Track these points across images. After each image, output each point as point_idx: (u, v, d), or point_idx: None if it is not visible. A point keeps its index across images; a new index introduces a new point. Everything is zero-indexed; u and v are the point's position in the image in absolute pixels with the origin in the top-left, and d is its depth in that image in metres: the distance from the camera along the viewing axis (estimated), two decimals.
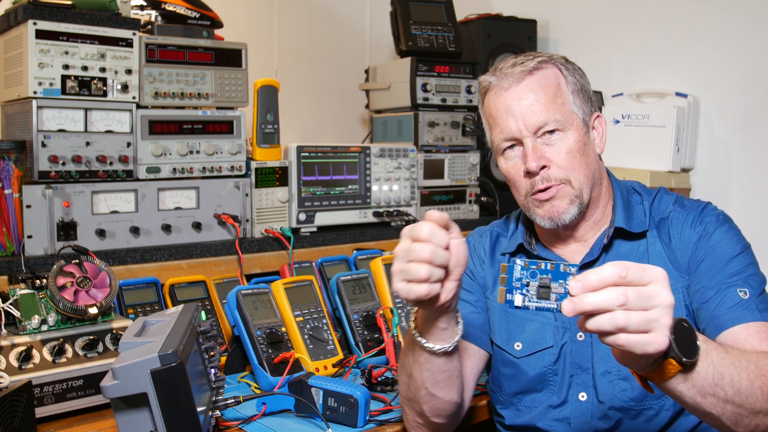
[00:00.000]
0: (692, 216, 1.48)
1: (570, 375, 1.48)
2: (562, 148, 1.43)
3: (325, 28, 3.26)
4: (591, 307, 0.94)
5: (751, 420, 1.09)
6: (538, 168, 1.43)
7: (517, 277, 1.03)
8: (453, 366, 1.34)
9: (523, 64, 1.46)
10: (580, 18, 2.96)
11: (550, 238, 1.56)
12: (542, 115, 1.43)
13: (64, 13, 1.89)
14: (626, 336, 0.94)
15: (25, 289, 1.62)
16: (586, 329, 0.97)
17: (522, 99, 1.44)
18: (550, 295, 1.02)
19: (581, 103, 1.48)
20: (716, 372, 1.04)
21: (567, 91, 1.47)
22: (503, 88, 1.46)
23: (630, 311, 0.94)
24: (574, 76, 1.49)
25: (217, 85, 2.15)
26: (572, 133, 1.44)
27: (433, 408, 1.39)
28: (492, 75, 1.50)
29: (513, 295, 1.04)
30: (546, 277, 1.02)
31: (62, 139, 1.89)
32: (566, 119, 1.44)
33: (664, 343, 0.95)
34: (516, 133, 1.45)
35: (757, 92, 2.44)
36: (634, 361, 1.00)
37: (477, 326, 1.56)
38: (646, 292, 0.95)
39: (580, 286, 0.96)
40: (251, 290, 1.83)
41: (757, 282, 1.38)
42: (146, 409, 1.24)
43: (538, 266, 1.02)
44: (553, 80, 1.46)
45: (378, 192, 2.44)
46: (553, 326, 1.51)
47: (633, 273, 0.95)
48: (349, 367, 1.85)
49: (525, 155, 1.44)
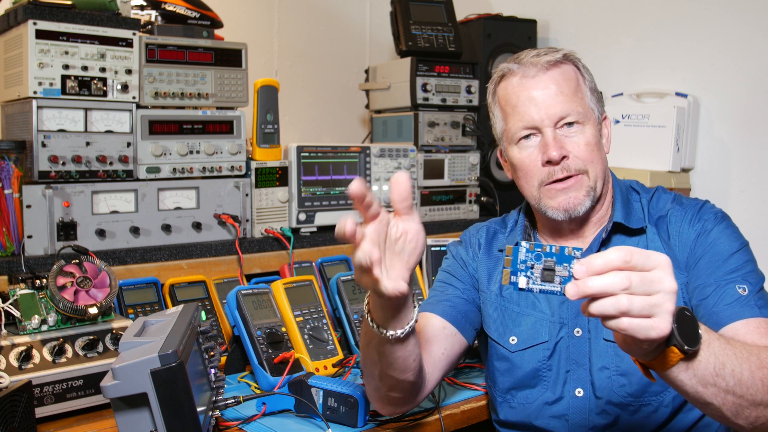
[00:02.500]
0: (690, 213, 1.48)
1: (565, 371, 1.49)
2: (581, 141, 1.45)
3: (325, 27, 3.25)
4: (594, 291, 0.95)
5: (752, 411, 1.09)
6: (559, 156, 1.43)
7: (522, 260, 1.03)
8: (408, 351, 1.31)
9: (548, 55, 1.48)
10: (580, 18, 2.96)
11: (551, 234, 1.57)
12: (565, 106, 1.44)
13: (64, 13, 1.89)
14: (629, 320, 0.95)
15: (25, 289, 1.62)
16: (590, 313, 0.97)
17: (546, 88, 1.45)
18: (554, 278, 1.02)
19: (596, 102, 1.52)
20: (718, 362, 1.05)
21: (585, 88, 1.50)
22: (528, 77, 1.47)
23: (633, 295, 0.94)
24: (588, 75, 1.53)
25: (217, 85, 2.15)
26: (590, 128, 1.47)
27: (387, 384, 1.38)
28: (514, 63, 1.50)
29: (517, 277, 1.03)
30: (551, 260, 1.02)
31: (62, 139, 1.89)
32: (586, 113, 1.47)
33: (666, 329, 0.96)
34: (537, 122, 1.45)
35: (758, 92, 2.44)
36: (636, 347, 1.00)
37: (460, 310, 1.57)
38: (650, 277, 0.95)
39: (584, 269, 0.96)
40: (251, 290, 1.83)
41: (756, 278, 1.39)
42: (146, 409, 1.24)
43: (543, 249, 1.02)
44: (573, 75, 1.49)
45: (378, 192, 2.44)
46: (549, 321, 1.51)
47: (637, 258, 0.95)
48: (349, 367, 1.84)
49: (545, 144, 1.45)
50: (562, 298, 1.50)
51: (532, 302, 1.54)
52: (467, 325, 1.57)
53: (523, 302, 1.55)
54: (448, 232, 2.59)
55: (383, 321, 1.25)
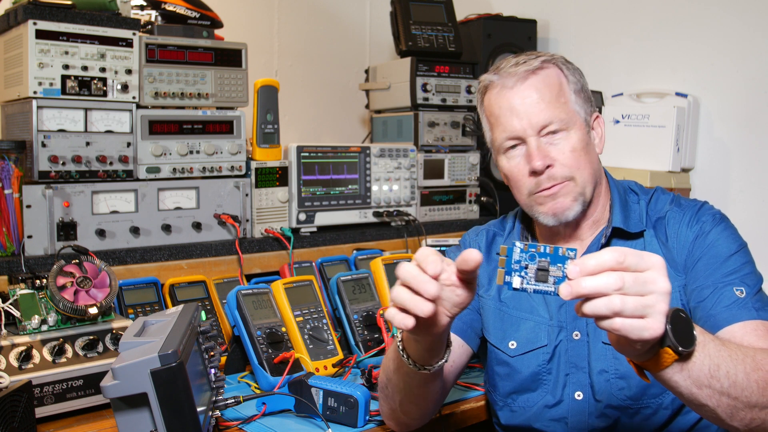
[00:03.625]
0: (689, 215, 1.48)
1: (565, 374, 1.48)
2: (567, 147, 1.43)
3: (325, 28, 3.25)
4: (588, 291, 0.95)
5: (746, 414, 1.09)
6: (543, 167, 1.42)
7: (516, 260, 1.03)
8: (433, 385, 1.35)
9: (526, 63, 1.46)
10: (580, 18, 2.96)
11: (548, 237, 1.56)
12: (546, 114, 1.42)
13: (64, 13, 1.89)
14: (622, 320, 0.95)
15: (25, 289, 1.62)
16: (583, 313, 0.97)
17: (526, 98, 1.44)
18: (548, 278, 1.02)
19: (582, 103, 1.49)
20: (712, 363, 1.05)
21: (569, 91, 1.47)
22: (507, 87, 1.45)
23: (626, 296, 0.94)
24: (574, 76, 1.49)
25: (217, 85, 2.15)
26: (575, 133, 1.45)
27: (406, 412, 1.42)
28: (494, 74, 1.49)
29: (511, 277, 1.04)
30: (545, 260, 1.02)
31: (62, 139, 1.89)
32: (569, 118, 1.44)
33: (659, 329, 0.95)
34: (520, 132, 1.44)
35: (758, 92, 2.44)
36: (630, 348, 1.00)
37: (465, 321, 1.57)
38: (643, 278, 0.95)
39: (578, 270, 0.96)
40: (251, 290, 1.83)
41: (754, 281, 1.38)
42: (146, 409, 1.24)
43: (537, 249, 1.02)
44: (555, 80, 1.46)
45: (378, 192, 2.44)
46: (548, 325, 1.51)
47: (631, 259, 0.95)
48: (349, 367, 1.85)
49: (529, 154, 1.44)
50: (560, 302, 1.50)
51: (530, 306, 1.54)
52: (472, 335, 1.58)
53: (521, 307, 1.55)
54: (448, 232, 2.59)
55: (415, 354, 1.26)
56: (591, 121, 1.51)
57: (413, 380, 1.31)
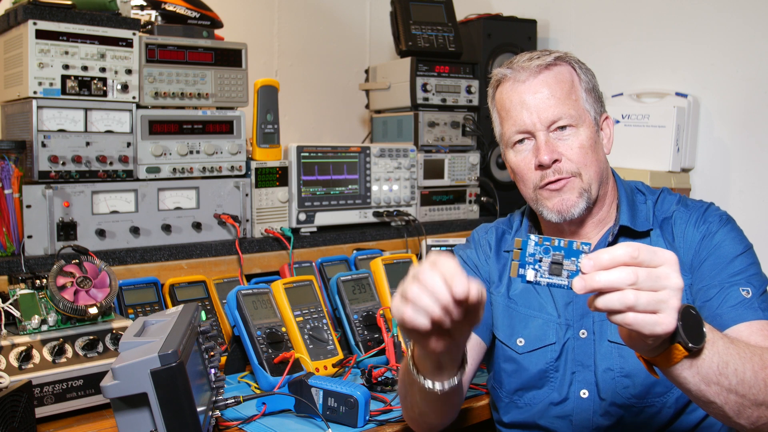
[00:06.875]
0: (695, 216, 1.48)
1: (571, 372, 1.49)
2: (575, 143, 1.45)
3: (325, 28, 3.25)
4: (601, 285, 0.95)
5: (753, 411, 1.10)
6: (550, 161, 1.44)
7: (531, 253, 1.04)
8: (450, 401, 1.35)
9: (540, 58, 1.48)
10: (580, 18, 2.96)
11: (553, 234, 1.57)
12: (556, 110, 1.44)
13: (64, 13, 1.89)
14: (634, 315, 0.95)
15: (25, 289, 1.62)
16: (596, 307, 0.97)
17: (537, 93, 1.45)
18: (561, 272, 1.02)
19: (593, 102, 1.51)
20: (721, 361, 1.05)
21: (580, 89, 1.49)
22: (519, 81, 1.47)
23: (639, 291, 0.95)
24: (586, 75, 1.52)
25: (217, 85, 2.15)
26: (584, 130, 1.46)
27: (425, 421, 1.43)
28: (507, 68, 1.51)
29: (525, 269, 1.04)
30: (559, 253, 1.02)
31: (62, 139, 1.89)
32: (579, 115, 1.46)
33: (671, 325, 0.96)
34: (530, 126, 1.45)
35: (758, 92, 2.44)
36: (641, 343, 1.01)
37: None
38: (656, 274, 0.96)
39: (591, 264, 0.96)
40: (251, 290, 1.83)
41: (760, 281, 1.39)
42: (146, 409, 1.24)
43: (551, 243, 1.03)
44: (567, 77, 1.48)
45: (378, 192, 2.44)
46: (556, 323, 1.51)
47: (644, 254, 0.96)
48: (349, 367, 1.85)
49: (537, 148, 1.45)
50: (568, 300, 1.51)
51: (539, 304, 1.54)
52: (486, 331, 1.59)
53: (530, 304, 1.55)
54: (448, 232, 2.59)
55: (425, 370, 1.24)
56: (600, 120, 1.53)
57: (429, 396, 1.28)
